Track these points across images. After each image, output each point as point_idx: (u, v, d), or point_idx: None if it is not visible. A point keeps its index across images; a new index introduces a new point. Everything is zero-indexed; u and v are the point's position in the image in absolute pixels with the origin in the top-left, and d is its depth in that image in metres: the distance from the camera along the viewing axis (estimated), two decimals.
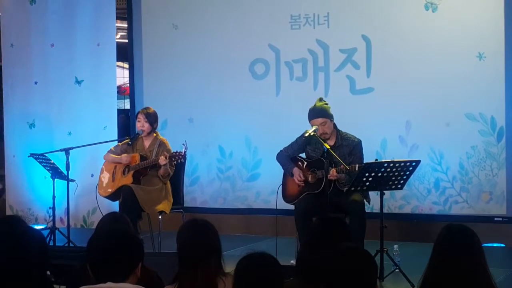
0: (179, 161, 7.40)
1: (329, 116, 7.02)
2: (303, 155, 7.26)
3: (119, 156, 7.76)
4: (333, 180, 6.82)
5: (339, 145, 7.04)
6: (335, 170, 6.76)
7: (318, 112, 7.03)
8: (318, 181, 6.95)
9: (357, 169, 6.63)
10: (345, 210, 6.84)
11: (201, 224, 3.90)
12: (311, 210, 6.84)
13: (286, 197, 7.25)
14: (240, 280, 3.36)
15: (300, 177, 7.06)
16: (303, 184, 7.07)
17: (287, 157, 7.23)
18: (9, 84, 9.83)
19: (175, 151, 7.44)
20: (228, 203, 9.03)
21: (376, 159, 6.70)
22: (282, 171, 7.32)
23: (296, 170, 7.10)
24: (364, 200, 7.03)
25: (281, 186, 7.28)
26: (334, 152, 6.86)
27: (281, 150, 7.29)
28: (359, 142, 7.09)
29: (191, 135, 8.76)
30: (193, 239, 3.81)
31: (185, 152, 7.32)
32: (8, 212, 9.58)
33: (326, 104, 7.11)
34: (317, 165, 6.98)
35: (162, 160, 7.37)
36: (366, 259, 3.27)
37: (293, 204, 7.13)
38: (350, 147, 7.04)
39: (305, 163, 7.15)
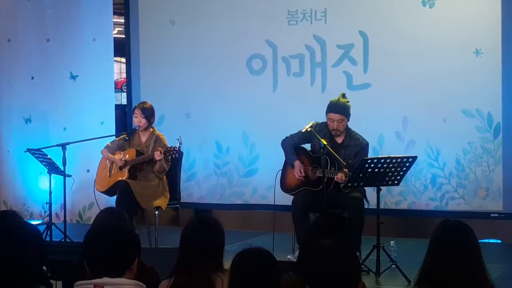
0: (173, 156, 7.40)
1: (348, 115, 7.04)
2: (308, 146, 7.24)
3: (112, 156, 7.75)
4: (337, 181, 6.81)
5: (347, 144, 7.03)
6: (343, 175, 6.73)
7: (339, 108, 7.02)
8: (319, 178, 6.94)
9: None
10: (344, 206, 6.84)
11: (208, 222, 3.88)
12: (309, 206, 6.84)
13: (284, 186, 7.24)
14: (236, 275, 3.35)
15: (301, 172, 7.05)
16: (303, 180, 7.06)
17: (292, 146, 7.20)
18: (5, 79, 9.82)
19: (170, 146, 7.44)
20: (225, 199, 9.03)
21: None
22: (279, 167, 7.32)
23: (297, 164, 7.08)
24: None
25: (280, 171, 7.25)
26: (340, 150, 6.89)
27: (287, 137, 7.26)
28: (367, 144, 7.10)
29: (188, 131, 8.77)
30: (196, 236, 3.80)
31: (179, 147, 7.32)
32: (2, 208, 9.55)
33: (348, 102, 7.11)
34: (320, 162, 6.96)
35: (157, 155, 7.37)
36: (345, 258, 3.21)
37: (291, 194, 7.12)
38: (358, 148, 7.03)
39: (309, 157, 7.13)
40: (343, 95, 7.18)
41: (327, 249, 3.20)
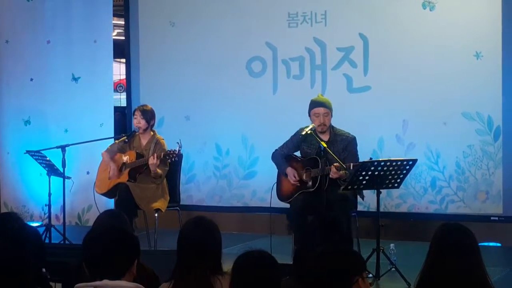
0: (173, 159, 7.39)
1: (331, 110, 7.06)
2: (298, 153, 7.25)
3: (111, 162, 7.71)
4: (334, 178, 6.78)
5: (333, 140, 7.03)
6: (334, 168, 6.71)
7: (323, 103, 7.07)
8: (313, 180, 6.93)
9: (352, 167, 6.61)
10: (335, 208, 6.80)
11: (205, 223, 3.88)
12: (306, 208, 6.82)
13: (281, 196, 7.24)
14: (238, 278, 3.35)
15: (295, 177, 7.04)
16: (298, 184, 7.05)
17: (282, 156, 7.21)
18: (4, 81, 9.81)
19: (169, 149, 7.43)
20: (224, 201, 9.02)
21: (371, 158, 6.68)
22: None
23: (290, 170, 7.07)
24: (358, 196, 7.02)
25: (275, 184, 7.26)
26: (328, 148, 6.86)
27: (276, 150, 7.28)
28: (354, 138, 7.09)
29: (188, 133, 8.77)
30: (193, 238, 3.79)
31: (179, 150, 7.30)
32: (3, 209, 9.55)
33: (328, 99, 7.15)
34: (312, 163, 6.97)
35: (150, 160, 7.35)
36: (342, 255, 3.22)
37: (288, 202, 7.12)
38: (344, 143, 7.03)
39: (300, 161, 7.13)
40: (321, 95, 7.24)
41: (323, 252, 3.19)
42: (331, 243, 3.38)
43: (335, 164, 6.70)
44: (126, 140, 7.77)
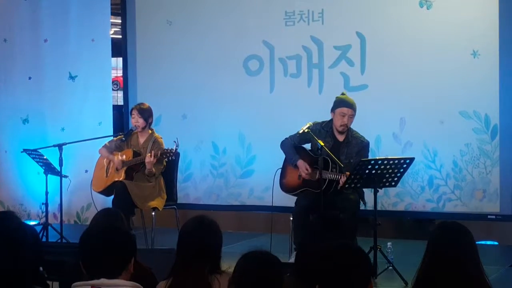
0: (170, 158, 7.38)
1: (356, 112, 7.02)
2: (308, 145, 7.21)
3: (112, 156, 7.73)
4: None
5: (348, 142, 7.02)
6: (343, 179, 6.70)
7: (352, 104, 7.04)
8: (321, 180, 6.90)
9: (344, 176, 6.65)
10: (339, 208, 6.82)
11: (207, 222, 3.87)
12: (310, 207, 6.82)
13: (284, 186, 7.20)
14: (241, 279, 3.32)
15: (308, 169, 6.99)
16: (310, 178, 6.99)
17: (292, 146, 7.16)
18: (2, 79, 9.81)
19: (166, 148, 7.43)
20: (222, 200, 9.02)
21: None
22: (276, 168, 7.29)
23: (301, 163, 7.03)
24: (361, 200, 7.02)
25: (279, 170, 7.20)
26: (342, 149, 6.89)
27: (286, 138, 7.22)
28: (368, 143, 7.10)
29: (185, 131, 8.77)
30: (195, 237, 3.79)
31: (176, 149, 7.30)
32: (0, 208, 9.54)
33: None
34: (321, 163, 6.92)
35: (147, 158, 7.36)
36: (358, 255, 3.19)
37: (292, 194, 7.09)
38: (359, 147, 7.02)
39: (309, 156, 7.09)
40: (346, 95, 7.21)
41: (330, 250, 3.18)
42: (333, 242, 3.35)
43: (347, 173, 6.69)
44: (123, 138, 7.77)
